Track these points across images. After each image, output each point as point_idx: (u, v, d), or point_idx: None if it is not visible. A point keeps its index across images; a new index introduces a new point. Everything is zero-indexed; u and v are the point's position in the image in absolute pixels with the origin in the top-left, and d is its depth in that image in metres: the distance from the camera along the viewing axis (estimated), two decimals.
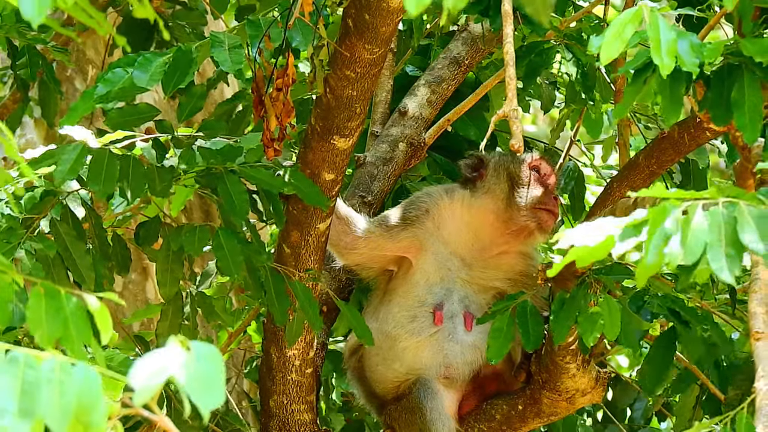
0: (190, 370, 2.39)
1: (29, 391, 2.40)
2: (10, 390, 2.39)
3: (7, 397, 2.38)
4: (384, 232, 4.87)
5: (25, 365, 2.42)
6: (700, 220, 2.92)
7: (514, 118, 3.47)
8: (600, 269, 4.23)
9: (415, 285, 4.87)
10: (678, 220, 2.91)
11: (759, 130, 3.34)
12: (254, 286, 4.43)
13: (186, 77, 4.15)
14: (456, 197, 4.93)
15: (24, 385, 2.40)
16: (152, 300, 6.99)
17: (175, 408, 4.72)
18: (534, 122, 9.62)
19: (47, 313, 2.60)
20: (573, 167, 5.80)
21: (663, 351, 4.41)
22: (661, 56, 3.16)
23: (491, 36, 5.21)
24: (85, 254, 4.29)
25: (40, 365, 2.43)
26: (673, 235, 2.90)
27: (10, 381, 2.39)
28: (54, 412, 2.38)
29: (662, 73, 3.15)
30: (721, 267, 2.89)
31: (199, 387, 2.38)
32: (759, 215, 2.92)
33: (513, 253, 4.93)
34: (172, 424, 2.55)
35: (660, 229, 2.90)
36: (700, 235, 2.89)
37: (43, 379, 2.41)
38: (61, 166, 4.10)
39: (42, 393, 2.40)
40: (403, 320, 4.84)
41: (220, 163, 4.31)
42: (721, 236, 2.90)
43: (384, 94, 5.36)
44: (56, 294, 2.62)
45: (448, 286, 4.86)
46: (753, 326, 3.08)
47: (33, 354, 2.44)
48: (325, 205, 4.43)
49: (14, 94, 5.79)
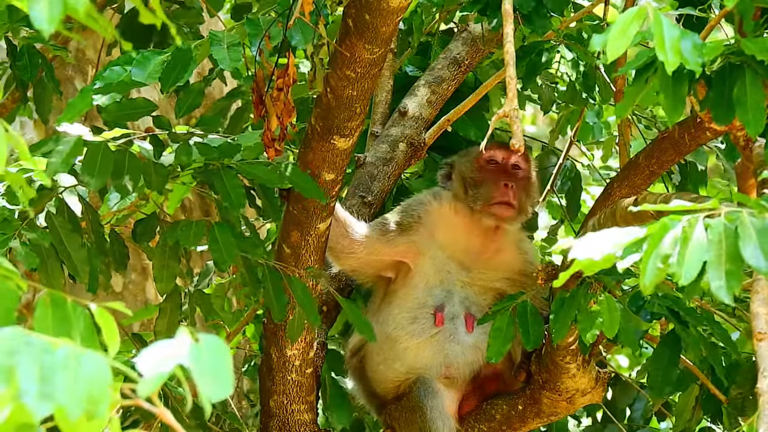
0: (199, 360, 2.38)
1: (47, 376, 2.39)
2: (30, 372, 2.39)
3: (29, 379, 2.38)
4: (381, 236, 4.87)
5: (42, 350, 2.42)
6: (700, 237, 2.90)
7: (514, 118, 3.47)
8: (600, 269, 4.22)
9: (414, 288, 4.87)
10: (677, 239, 2.91)
11: (762, 124, 3.33)
12: (251, 282, 4.44)
13: (184, 75, 4.16)
14: (444, 202, 4.94)
15: (42, 370, 2.40)
16: (152, 300, 6.99)
17: (173, 407, 4.72)
18: (534, 123, 9.62)
19: (54, 324, 2.59)
20: (570, 168, 5.80)
21: (669, 351, 4.41)
22: (666, 53, 3.15)
23: (491, 36, 5.21)
24: (79, 247, 4.29)
25: (56, 351, 2.42)
26: (671, 255, 2.90)
27: (29, 364, 2.39)
28: (70, 397, 2.38)
29: (667, 70, 3.15)
30: (720, 286, 2.88)
31: (207, 376, 2.37)
32: (762, 228, 2.91)
33: (508, 251, 4.92)
34: (172, 418, 2.54)
35: (657, 249, 2.90)
36: (699, 253, 2.88)
37: (59, 365, 2.40)
38: (55, 157, 4.10)
39: (58, 378, 2.39)
40: (404, 322, 4.84)
41: (218, 159, 4.32)
42: (721, 252, 2.89)
43: (384, 95, 5.36)
44: (62, 303, 2.60)
45: (448, 288, 4.86)
46: (756, 327, 3.07)
47: (48, 339, 2.43)
48: (324, 198, 4.43)
49: (13, 94, 5.78)
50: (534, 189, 5.00)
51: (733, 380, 4.65)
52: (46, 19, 2.69)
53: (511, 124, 3.50)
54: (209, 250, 4.31)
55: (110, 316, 2.58)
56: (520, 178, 4.90)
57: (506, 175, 4.88)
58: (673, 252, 2.89)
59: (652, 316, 4.43)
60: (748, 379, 4.58)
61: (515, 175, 4.89)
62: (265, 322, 4.74)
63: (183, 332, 2.42)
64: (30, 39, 5.08)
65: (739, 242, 2.88)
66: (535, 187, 5.01)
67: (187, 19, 5.63)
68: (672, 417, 5.64)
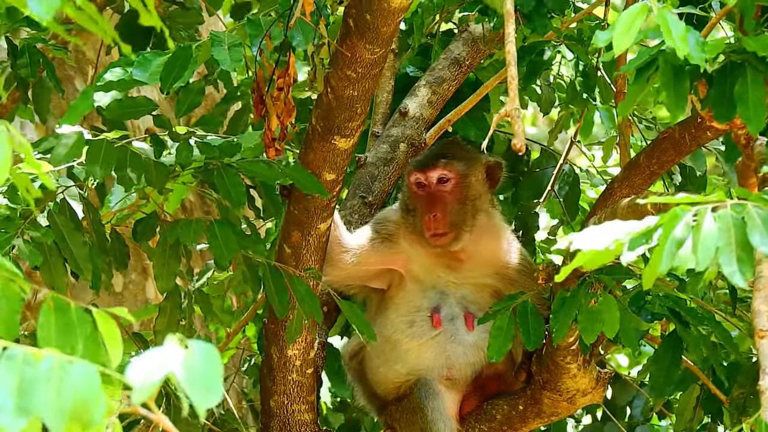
0: (188, 368, 2.38)
1: (26, 389, 2.37)
2: (7, 387, 2.36)
3: (5, 394, 2.36)
4: (370, 247, 4.83)
5: (24, 362, 2.40)
6: (710, 225, 2.93)
7: (516, 117, 3.46)
8: (601, 269, 4.23)
9: (408, 292, 4.85)
10: (689, 226, 2.92)
11: (763, 122, 3.34)
12: (252, 279, 4.44)
13: (184, 74, 4.16)
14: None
15: (22, 383, 2.37)
16: (152, 300, 6.99)
17: (175, 405, 4.72)
18: (534, 124, 9.63)
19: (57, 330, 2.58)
20: (569, 171, 5.80)
21: (671, 351, 4.42)
22: (674, 41, 3.15)
23: (492, 36, 5.21)
24: (82, 245, 4.30)
25: (39, 363, 2.40)
26: (684, 240, 2.91)
27: (7, 378, 2.37)
28: (51, 411, 2.36)
29: (679, 56, 3.15)
30: (733, 271, 2.90)
31: (196, 384, 2.37)
32: (766, 217, 2.93)
33: (485, 247, 4.84)
34: (170, 423, 2.54)
35: (672, 235, 2.91)
36: (711, 240, 2.91)
37: (41, 377, 2.38)
38: (59, 149, 4.12)
39: (39, 391, 2.37)
40: (402, 325, 4.83)
41: (218, 158, 4.33)
42: (731, 240, 2.92)
43: (385, 95, 5.36)
44: (66, 309, 2.59)
45: (442, 290, 4.84)
46: (757, 324, 3.08)
47: (31, 351, 2.42)
48: (325, 194, 4.42)
49: (12, 94, 5.78)
50: (473, 190, 4.83)
51: (735, 380, 4.66)
52: (44, 7, 2.69)
53: (513, 124, 3.49)
54: (209, 247, 4.32)
55: (113, 321, 2.57)
56: (449, 192, 4.78)
57: (430, 203, 4.75)
58: (687, 239, 2.91)
59: (652, 317, 4.44)
60: (750, 378, 4.58)
61: (441, 197, 4.76)
62: (266, 322, 4.74)
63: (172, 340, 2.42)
64: (30, 39, 5.09)
65: (747, 230, 2.90)
66: (475, 188, 4.84)
67: (186, 19, 5.63)
68: (672, 415, 5.64)
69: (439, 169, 4.81)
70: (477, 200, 4.84)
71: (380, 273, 4.90)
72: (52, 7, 2.67)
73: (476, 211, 4.83)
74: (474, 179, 4.86)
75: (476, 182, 4.86)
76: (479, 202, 4.84)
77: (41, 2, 2.67)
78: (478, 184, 4.86)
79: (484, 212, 4.87)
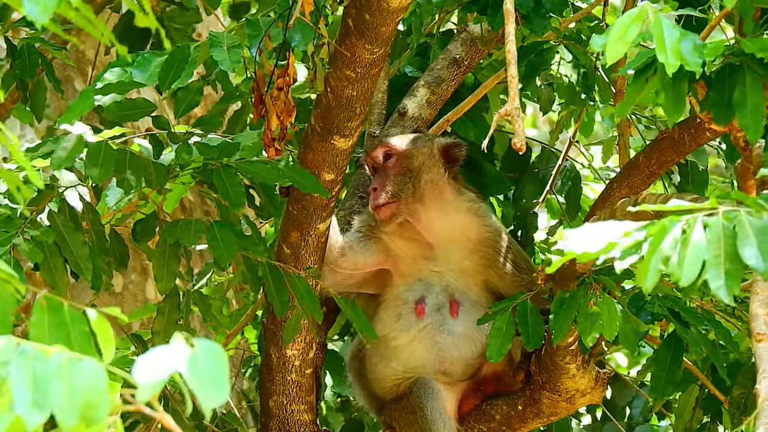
0: (195, 367, 2.38)
1: (40, 384, 2.39)
2: (23, 382, 2.38)
3: (22, 388, 2.37)
4: (357, 248, 4.85)
5: (35, 358, 2.41)
6: (699, 236, 2.90)
7: (516, 117, 3.47)
8: (600, 269, 4.23)
9: (396, 288, 4.88)
10: (676, 240, 2.91)
11: (762, 129, 3.33)
12: (252, 279, 4.45)
13: (183, 75, 4.16)
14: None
15: (35, 378, 2.39)
16: (152, 300, 6.99)
17: (173, 408, 4.72)
18: (534, 124, 9.62)
19: (50, 329, 2.58)
20: (570, 168, 5.80)
21: (672, 352, 4.41)
22: (666, 54, 3.15)
23: (490, 36, 5.21)
24: (82, 245, 4.31)
25: (49, 359, 2.42)
26: (671, 256, 2.89)
27: (22, 373, 2.38)
28: (64, 407, 2.38)
29: (668, 72, 3.15)
30: (719, 286, 2.88)
31: (203, 383, 2.37)
32: (760, 228, 2.91)
33: (454, 225, 4.86)
34: (173, 422, 2.54)
35: (658, 250, 2.90)
36: (699, 253, 2.89)
37: (53, 374, 2.40)
38: (59, 152, 4.13)
39: (52, 387, 2.39)
40: (390, 321, 4.85)
41: (217, 158, 4.33)
42: (720, 252, 2.89)
43: (380, 95, 5.35)
44: (59, 308, 2.60)
45: (427, 281, 4.85)
46: (755, 328, 3.07)
47: (41, 347, 2.43)
48: (324, 193, 4.43)
49: (12, 94, 5.78)
50: (417, 162, 4.86)
51: (735, 380, 4.66)
52: (40, 9, 2.68)
53: (513, 123, 3.50)
54: (209, 248, 4.32)
55: (107, 321, 2.57)
56: (392, 166, 4.85)
57: (374, 178, 4.87)
58: (674, 253, 2.89)
59: (652, 317, 4.43)
60: (750, 378, 4.58)
61: (385, 172, 4.85)
62: (265, 323, 4.74)
63: (179, 338, 2.42)
64: (30, 39, 5.08)
65: (737, 242, 2.88)
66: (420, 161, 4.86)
67: (184, 19, 5.63)
68: (671, 416, 5.64)
69: (381, 147, 4.89)
70: (425, 173, 4.86)
71: (373, 276, 4.91)
72: (48, 9, 2.66)
73: (424, 183, 4.85)
74: (420, 154, 4.89)
75: (423, 157, 4.89)
76: (429, 175, 4.87)
77: (37, 4, 2.66)
78: (425, 158, 4.89)
79: (444, 189, 4.89)
